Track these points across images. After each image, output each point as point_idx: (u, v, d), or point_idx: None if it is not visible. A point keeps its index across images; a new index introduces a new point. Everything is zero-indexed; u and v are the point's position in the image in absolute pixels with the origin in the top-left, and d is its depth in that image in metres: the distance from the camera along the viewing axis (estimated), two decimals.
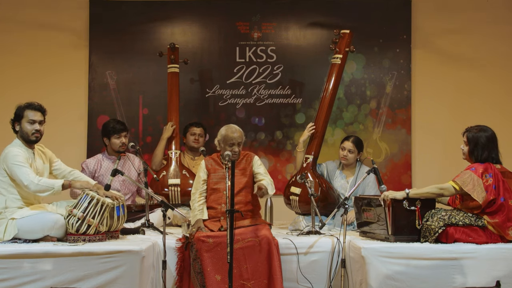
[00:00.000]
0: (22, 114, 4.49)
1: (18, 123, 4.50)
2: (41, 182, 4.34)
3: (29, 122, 4.48)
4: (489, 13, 6.50)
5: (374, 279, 4.22)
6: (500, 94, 6.50)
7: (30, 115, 4.49)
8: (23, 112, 4.50)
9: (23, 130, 4.48)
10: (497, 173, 4.37)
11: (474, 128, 4.49)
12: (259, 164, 4.83)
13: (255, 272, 4.42)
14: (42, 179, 4.38)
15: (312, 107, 6.44)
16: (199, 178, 4.83)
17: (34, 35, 6.45)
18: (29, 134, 4.48)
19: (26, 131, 4.48)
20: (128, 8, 6.46)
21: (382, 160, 6.44)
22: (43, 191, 4.36)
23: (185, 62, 5.98)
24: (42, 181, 4.35)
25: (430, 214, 4.40)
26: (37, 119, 4.51)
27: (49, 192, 4.37)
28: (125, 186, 5.53)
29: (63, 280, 4.05)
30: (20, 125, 4.49)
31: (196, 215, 4.72)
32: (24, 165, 4.36)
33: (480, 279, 4.20)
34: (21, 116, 4.49)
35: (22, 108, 4.51)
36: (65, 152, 6.11)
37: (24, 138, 4.50)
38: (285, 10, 6.51)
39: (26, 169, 4.36)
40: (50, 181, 4.41)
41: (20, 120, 4.49)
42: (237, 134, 4.70)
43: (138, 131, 6.44)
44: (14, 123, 4.52)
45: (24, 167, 4.36)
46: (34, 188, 4.34)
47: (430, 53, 6.51)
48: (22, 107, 4.52)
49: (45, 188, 4.35)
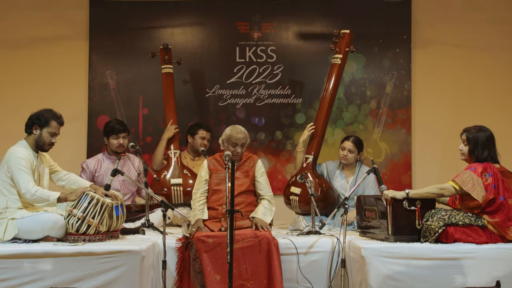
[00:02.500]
0: (48, 123, 4.47)
1: (39, 128, 4.47)
2: (37, 193, 4.33)
3: (50, 133, 4.49)
4: (489, 13, 6.50)
5: (374, 279, 4.22)
6: (500, 94, 6.50)
7: (54, 127, 4.49)
8: (49, 121, 4.48)
9: (42, 138, 4.47)
10: (497, 173, 4.38)
11: (473, 128, 4.50)
12: (262, 172, 4.85)
13: (254, 272, 4.42)
14: (39, 189, 4.35)
15: (312, 107, 6.43)
16: (201, 178, 4.84)
17: (34, 35, 6.45)
18: (46, 144, 4.49)
19: (44, 140, 4.47)
20: (128, 8, 6.46)
21: (382, 160, 6.44)
22: (38, 202, 4.37)
23: (178, 62, 5.99)
24: (38, 192, 4.33)
25: (430, 214, 4.40)
26: (57, 133, 4.53)
27: (44, 203, 4.37)
28: (124, 186, 5.53)
29: (63, 280, 4.05)
30: (40, 131, 4.47)
31: (196, 214, 4.73)
32: (25, 171, 4.35)
33: (480, 279, 4.21)
34: (46, 124, 4.47)
35: (50, 117, 4.48)
36: (65, 152, 6.14)
37: (38, 145, 4.49)
38: (285, 10, 6.50)
39: (27, 176, 4.34)
40: (46, 193, 4.38)
41: (43, 126, 4.47)
42: (242, 135, 4.73)
43: (138, 131, 6.44)
44: (33, 124, 4.47)
45: (25, 173, 4.34)
46: (29, 198, 4.34)
47: (430, 53, 6.51)
48: (50, 115, 4.49)
49: (40, 200, 4.35)
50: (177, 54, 6.10)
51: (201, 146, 5.81)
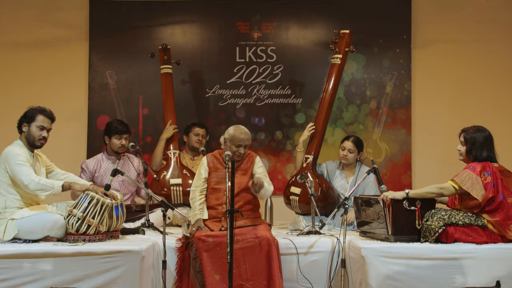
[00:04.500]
0: (34, 117, 4.47)
1: (27, 124, 4.48)
2: (41, 181, 4.34)
3: (38, 127, 4.48)
4: (489, 13, 6.50)
5: (374, 279, 4.22)
6: (500, 94, 6.50)
7: (41, 121, 4.48)
8: (35, 115, 4.48)
9: (31, 133, 4.47)
10: (495, 171, 4.38)
11: (471, 129, 4.51)
12: (259, 166, 4.84)
13: (254, 273, 4.42)
14: (42, 178, 4.38)
15: (312, 107, 6.43)
16: (200, 176, 4.81)
17: (34, 35, 6.45)
18: (36, 139, 4.48)
19: (33, 135, 4.47)
20: (128, 8, 6.46)
21: (382, 160, 6.44)
22: (43, 190, 4.35)
23: (177, 62, 5.98)
24: (42, 181, 4.35)
25: (430, 214, 4.40)
26: (46, 126, 4.51)
27: (49, 192, 4.36)
28: (124, 186, 5.53)
29: (63, 280, 4.05)
30: (28, 127, 4.48)
31: (196, 214, 4.72)
32: (25, 164, 4.36)
33: (480, 279, 4.21)
34: (32, 119, 4.47)
35: (35, 112, 4.49)
36: (65, 152, 6.15)
37: (29, 141, 4.49)
38: (285, 10, 6.51)
39: (28, 168, 4.35)
40: (51, 181, 4.41)
41: (30, 122, 4.47)
42: (246, 136, 4.73)
43: (138, 131, 6.44)
44: (22, 123, 4.49)
45: (25, 166, 4.35)
46: (34, 187, 4.33)
47: (430, 53, 6.51)
48: (35, 110, 4.50)
49: (45, 188, 4.35)
50: (177, 54, 6.10)
51: (196, 143, 5.80)
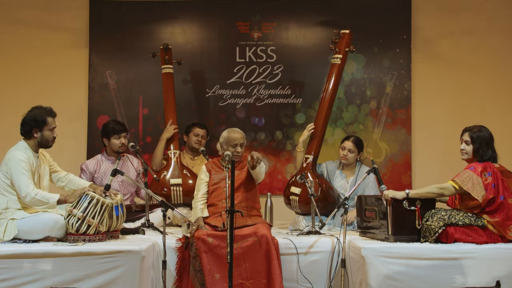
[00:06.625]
0: (46, 121, 4.47)
1: (39, 130, 4.46)
2: (37, 196, 4.32)
3: (50, 130, 4.49)
4: (489, 13, 6.49)
5: (374, 279, 4.22)
6: (500, 94, 6.50)
7: (51, 122, 4.50)
8: (46, 119, 4.47)
9: (44, 137, 4.48)
10: (496, 172, 4.38)
11: (475, 128, 4.49)
12: None
13: (254, 272, 4.43)
14: (39, 192, 4.35)
15: (312, 107, 6.43)
16: (201, 180, 4.91)
17: (34, 35, 6.44)
18: (50, 141, 4.51)
19: (47, 138, 4.49)
20: (128, 8, 6.46)
21: (382, 160, 6.43)
22: (38, 205, 4.36)
23: (178, 62, 5.98)
24: (38, 195, 4.33)
25: (430, 214, 4.40)
26: (55, 126, 4.54)
27: (44, 206, 4.37)
28: (124, 186, 5.53)
29: (63, 280, 4.05)
30: (41, 132, 4.46)
31: (196, 213, 4.77)
32: (26, 173, 4.34)
33: (480, 279, 4.21)
34: (44, 123, 4.46)
35: (45, 115, 4.47)
36: (65, 152, 6.14)
37: (43, 144, 4.50)
38: (285, 10, 6.50)
39: (27, 179, 4.34)
40: (46, 195, 4.37)
41: (42, 126, 4.46)
42: (239, 135, 4.82)
43: (138, 131, 6.44)
44: (32, 129, 4.45)
45: (25, 176, 4.34)
46: (29, 201, 4.33)
47: (430, 53, 6.51)
48: (44, 113, 4.48)
49: (40, 203, 4.35)
50: (177, 54, 6.09)
51: (195, 144, 5.80)
